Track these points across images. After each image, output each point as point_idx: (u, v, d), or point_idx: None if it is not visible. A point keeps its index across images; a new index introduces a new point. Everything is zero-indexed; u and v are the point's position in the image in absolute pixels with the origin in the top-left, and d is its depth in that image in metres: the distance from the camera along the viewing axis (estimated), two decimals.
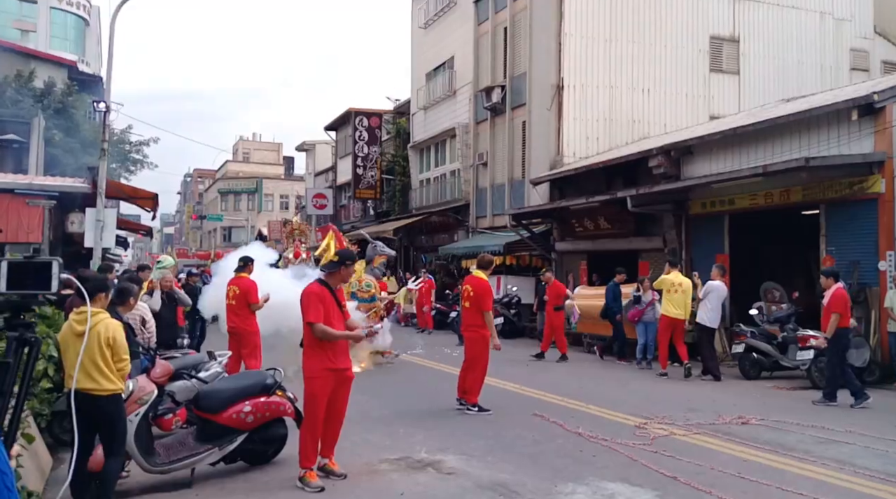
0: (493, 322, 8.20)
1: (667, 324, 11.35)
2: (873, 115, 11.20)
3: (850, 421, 7.65)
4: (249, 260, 9.14)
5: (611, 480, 5.46)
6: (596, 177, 17.08)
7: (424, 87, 26.76)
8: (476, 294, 8.12)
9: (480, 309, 8.09)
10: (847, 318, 9.01)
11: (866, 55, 21.32)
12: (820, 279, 9.57)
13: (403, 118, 29.93)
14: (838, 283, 9.17)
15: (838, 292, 8.98)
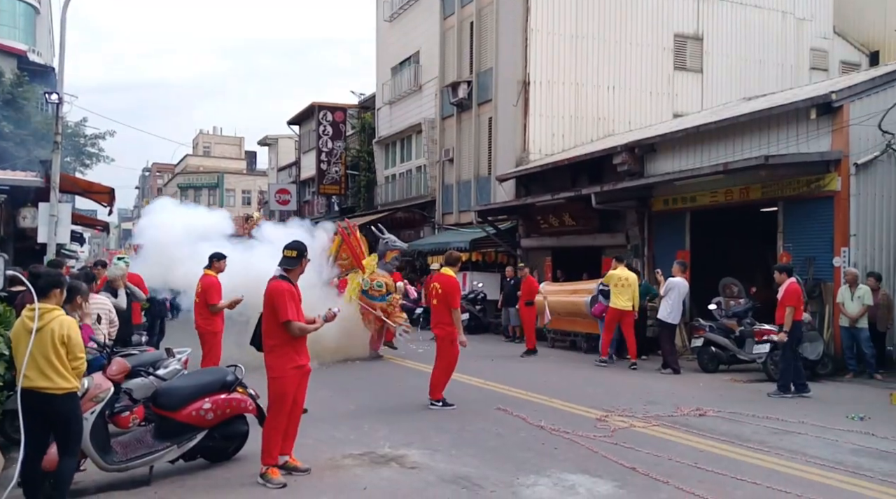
0: (460, 319, 8.21)
1: (614, 316, 11.86)
2: (831, 114, 11.50)
3: (804, 412, 7.87)
4: (218, 257, 8.93)
5: (572, 471, 5.53)
6: (561, 174, 17.23)
7: (390, 82, 26.64)
8: (444, 291, 8.15)
9: (449, 306, 8.10)
10: (800, 311, 9.29)
11: (825, 55, 21.86)
12: (774, 274, 9.81)
13: (368, 113, 29.75)
14: (791, 277, 9.44)
15: (791, 287, 9.24)
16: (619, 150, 15.14)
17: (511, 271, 16.46)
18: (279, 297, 5.32)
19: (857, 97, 11.46)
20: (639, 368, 11.45)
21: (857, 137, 11.23)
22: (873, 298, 10.53)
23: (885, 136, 11.11)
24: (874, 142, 11.22)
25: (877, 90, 11.58)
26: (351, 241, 12.76)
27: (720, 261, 14.19)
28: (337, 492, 5.08)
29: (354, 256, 12.74)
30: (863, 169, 11.25)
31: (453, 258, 8.64)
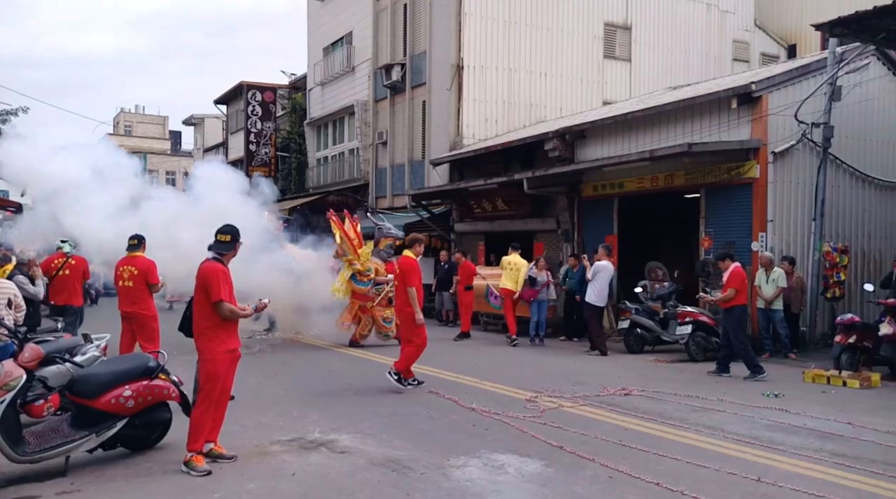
0: (415, 298, 8.31)
1: (506, 295, 13.04)
2: (751, 104, 11.95)
3: (723, 391, 8.22)
4: (143, 238, 8.58)
5: (501, 452, 5.60)
6: (494, 158, 17.34)
7: (322, 62, 26.10)
8: (402, 271, 8.39)
9: (406, 286, 8.31)
10: (744, 294, 9.45)
11: (747, 47, 22.71)
12: (718, 263, 9.96)
13: (300, 94, 29.09)
14: (735, 262, 9.63)
15: (736, 270, 9.44)
16: (550, 136, 15.35)
17: (445, 256, 16.50)
18: (212, 277, 5.21)
19: (775, 88, 11.95)
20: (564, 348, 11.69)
21: (775, 127, 11.73)
22: (787, 281, 11.07)
23: (800, 125, 11.64)
24: (791, 131, 11.75)
25: (794, 82, 12.12)
26: (344, 228, 12.41)
27: (647, 245, 14.64)
28: (264, 478, 4.98)
29: (349, 241, 12.36)
30: (780, 157, 11.77)
31: (411, 240, 8.93)
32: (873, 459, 5.46)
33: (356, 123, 23.44)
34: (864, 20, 9.58)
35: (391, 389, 8.16)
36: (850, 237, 12.56)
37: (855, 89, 12.09)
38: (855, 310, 11.48)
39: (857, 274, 12.51)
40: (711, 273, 11.80)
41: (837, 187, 12.37)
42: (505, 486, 4.83)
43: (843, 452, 5.66)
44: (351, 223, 12.56)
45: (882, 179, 12.99)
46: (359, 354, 11.24)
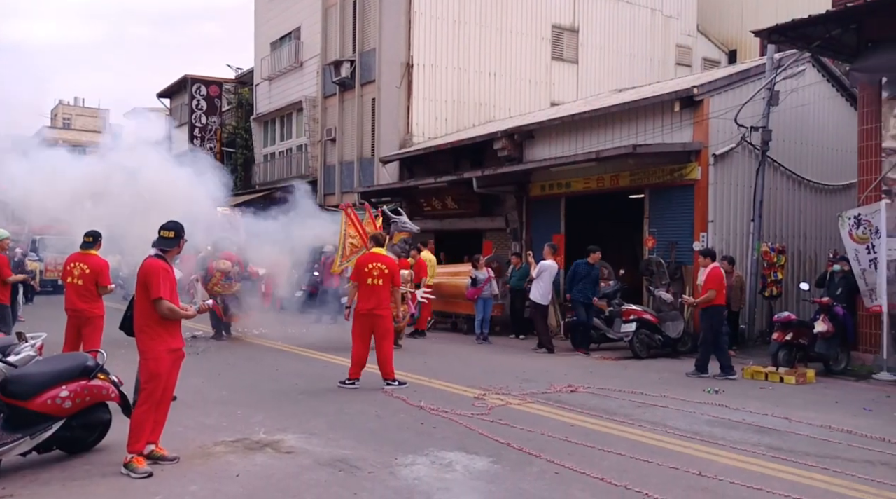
0: (398, 296, 8.51)
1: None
2: (693, 107, 12.28)
3: (665, 387, 8.41)
4: (99, 236, 8.22)
5: (449, 449, 5.59)
6: (444, 157, 17.36)
7: (269, 57, 25.64)
8: (391, 270, 8.32)
9: (394, 285, 8.37)
10: (722, 295, 9.44)
11: (689, 51, 23.32)
12: (698, 259, 10.04)
13: (246, 88, 28.52)
14: (714, 262, 9.60)
15: (715, 271, 9.42)
16: (499, 135, 15.45)
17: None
18: (154, 274, 5.06)
19: (716, 92, 12.31)
20: (512, 346, 11.78)
21: (715, 130, 12.08)
22: (728, 280, 11.40)
23: (740, 129, 12.01)
24: (731, 134, 12.11)
25: (734, 86, 12.50)
26: (356, 221, 11.91)
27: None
28: (207, 480, 4.85)
29: (361, 235, 11.80)
30: (720, 159, 12.12)
31: (382, 238, 8.94)
32: (807, 452, 5.67)
33: (304, 119, 23.12)
34: (800, 28, 9.94)
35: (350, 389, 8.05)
36: (787, 237, 13.04)
37: (792, 94, 12.55)
38: (791, 308, 11.94)
39: (793, 273, 13.00)
40: (655, 272, 12.08)
41: (775, 189, 12.81)
42: (453, 484, 4.82)
43: (779, 445, 5.86)
44: (371, 217, 11.98)
45: (817, 182, 13.53)
46: (307, 353, 11.06)
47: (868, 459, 5.52)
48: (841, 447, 5.84)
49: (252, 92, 27.32)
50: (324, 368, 9.47)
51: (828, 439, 6.10)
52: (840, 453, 5.68)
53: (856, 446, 5.86)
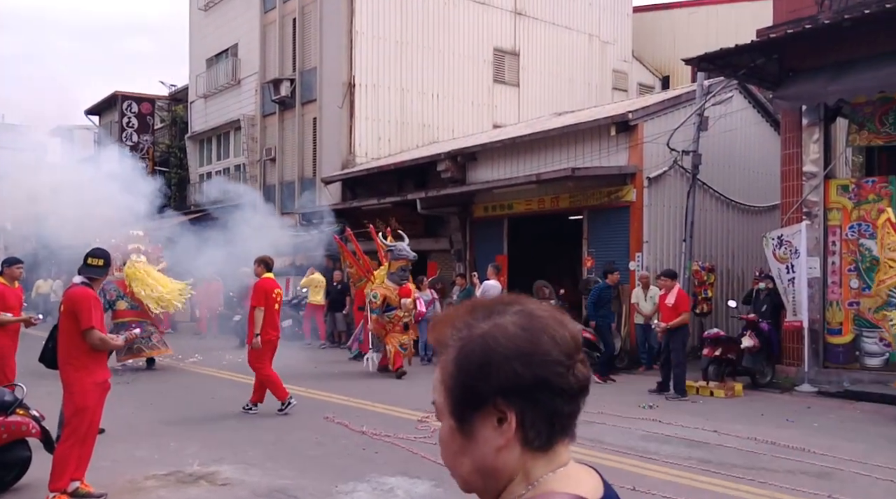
0: (258, 320, 8.03)
1: (313, 310, 15.26)
2: (628, 131, 12.69)
3: (603, 403, 8.56)
4: (12, 262, 7.77)
5: (391, 474, 5.57)
6: (388, 178, 17.38)
7: (205, 74, 25.14)
8: (254, 294, 8.11)
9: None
10: (687, 316, 9.52)
11: (626, 76, 24.07)
12: (659, 280, 10.09)
13: (180, 106, 27.89)
14: (676, 282, 9.69)
15: (683, 293, 9.54)
16: (442, 157, 15.60)
17: (338, 276, 16.28)
18: (83, 303, 4.89)
19: (650, 117, 12.77)
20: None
21: (649, 154, 12.50)
22: None
23: (672, 153, 12.45)
24: (664, 158, 12.55)
25: (666, 112, 12.99)
26: (347, 250, 11.68)
27: (535, 264, 15.12)
28: None
29: (357, 267, 11.66)
30: (654, 182, 12.54)
31: (271, 261, 8.56)
32: (735, 464, 5.88)
33: (242, 138, 22.75)
34: (727, 57, 10.42)
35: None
36: (716, 257, 13.55)
37: (720, 120, 13.09)
38: (721, 325, 12.37)
39: (722, 291, 13.50)
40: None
41: (705, 211, 13.31)
42: None
43: (709, 458, 6.06)
44: (377, 241, 11.72)
45: (744, 204, 14.13)
46: (244, 380, 10.82)
47: (789, 468, 5.76)
48: (765, 458, 6.09)
49: (187, 110, 26.74)
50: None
51: (753, 450, 6.35)
52: (764, 463, 5.92)
53: (779, 457, 6.11)
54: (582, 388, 1.03)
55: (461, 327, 1.02)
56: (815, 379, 9.72)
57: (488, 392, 0.98)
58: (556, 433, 1.01)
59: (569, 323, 1.05)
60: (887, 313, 7.85)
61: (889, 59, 9.15)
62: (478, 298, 1.12)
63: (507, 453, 0.99)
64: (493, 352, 0.98)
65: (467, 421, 1.00)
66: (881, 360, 9.65)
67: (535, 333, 0.99)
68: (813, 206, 10.17)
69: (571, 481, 1.01)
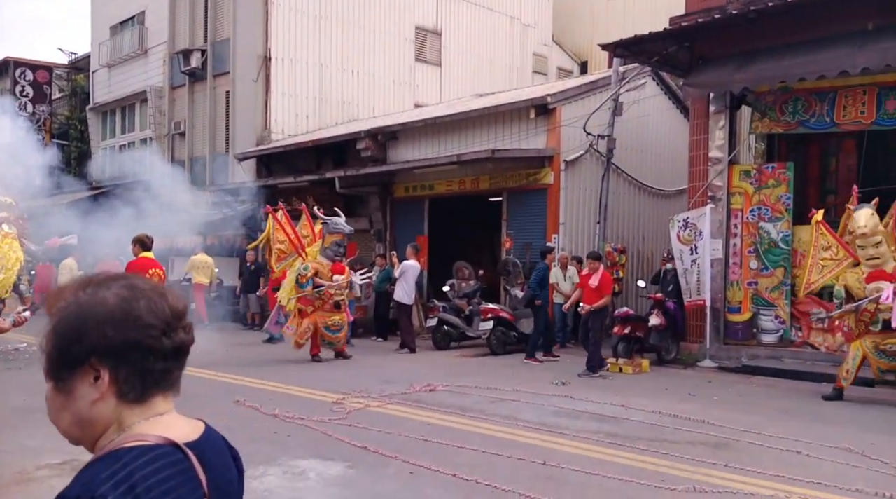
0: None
1: (200, 288, 14.81)
2: (547, 115, 12.87)
3: (518, 381, 8.75)
4: None
5: (303, 457, 5.47)
6: (305, 155, 16.99)
7: (109, 42, 23.66)
8: (163, 277, 7.79)
9: None
10: (610, 297, 9.76)
11: (545, 60, 24.37)
12: (585, 261, 10.24)
13: (82, 75, 26.23)
14: (602, 265, 9.84)
15: (607, 275, 9.72)
16: (362, 135, 15.36)
17: (252, 256, 15.83)
18: None
19: (567, 101, 12.98)
20: (374, 348, 11.75)
21: (567, 137, 12.73)
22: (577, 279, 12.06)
23: (588, 137, 12.74)
24: (580, 142, 12.82)
25: (583, 96, 13.25)
26: (283, 224, 10.94)
27: (455, 245, 15.19)
28: None
29: (290, 241, 10.94)
30: (571, 165, 12.80)
31: (149, 240, 8.07)
32: (640, 436, 6.12)
33: (149, 111, 21.64)
34: (641, 43, 10.70)
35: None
36: (628, 239, 14.02)
37: (634, 105, 13.49)
38: (630, 304, 12.83)
39: (633, 272, 13.98)
40: (511, 272, 12.51)
41: (618, 194, 13.71)
42: (306, 492, 4.71)
43: (616, 432, 6.28)
44: (308, 219, 11.18)
45: (655, 187, 14.64)
46: None
47: (690, 440, 6.05)
48: (668, 431, 6.36)
49: (88, 79, 25.18)
50: None
51: (658, 423, 6.62)
52: (667, 435, 6.19)
53: (681, 429, 6.40)
54: (177, 349, 1.16)
55: (67, 298, 1.13)
56: (715, 355, 10.24)
57: (83, 353, 1.10)
58: (149, 387, 1.15)
59: (170, 296, 1.18)
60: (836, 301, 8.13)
61: (790, 51, 9.64)
62: (94, 273, 1.22)
63: (102, 406, 1.12)
64: (88, 318, 1.10)
65: (65, 380, 1.12)
66: (776, 336, 10.27)
67: (131, 302, 1.12)
68: (717, 190, 10.64)
69: (160, 426, 1.14)
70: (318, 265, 10.60)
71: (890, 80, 9.34)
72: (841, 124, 9.92)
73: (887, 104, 9.44)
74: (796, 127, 10.29)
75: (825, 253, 7.99)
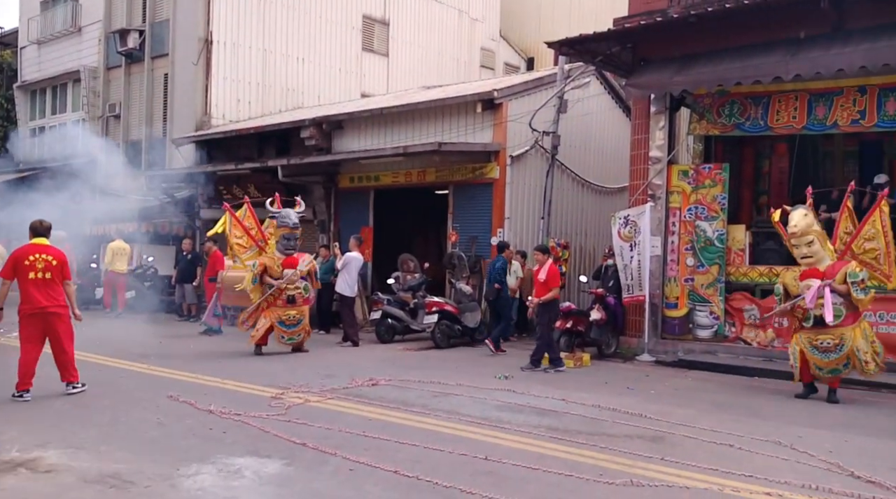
0: (73, 293, 7.37)
1: (114, 277, 15.12)
2: (493, 110, 12.90)
3: (461, 375, 8.75)
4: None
5: (239, 455, 5.31)
6: (247, 143, 16.58)
7: (39, 17, 22.49)
8: (59, 263, 7.16)
9: (63, 279, 7.20)
10: (557, 291, 9.67)
11: (493, 55, 24.43)
12: (534, 254, 10.21)
13: (8, 51, 24.91)
14: (550, 258, 9.81)
15: (554, 269, 9.64)
16: (307, 124, 15.08)
17: (188, 245, 15.36)
18: None
19: (514, 97, 13.05)
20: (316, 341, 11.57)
21: (513, 132, 12.81)
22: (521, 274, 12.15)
23: (534, 133, 12.83)
24: (526, 137, 12.90)
25: (529, 93, 13.34)
26: (242, 219, 10.62)
27: (401, 238, 15.10)
28: None
29: (251, 236, 10.63)
30: (516, 161, 12.88)
31: (42, 227, 7.41)
32: (580, 430, 6.19)
33: (82, 92, 20.72)
34: (586, 43, 10.82)
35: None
36: (571, 234, 14.22)
37: (578, 103, 13.67)
38: (573, 299, 13.01)
39: (575, 267, 14.21)
40: (456, 265, 12.52)
41: (562, 190, 13.88)
42: (241, 491, 4.57)
43: (556, 426, 6.34)
44: (250, 212, 10.87)
45: (597, 184, 14.89)
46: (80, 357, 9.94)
47: (627, 433, 6.16)
48: (607, 424, 6.47)
49: (16, 56, 23.92)
50: (99, 372, 8.57)
51: (597, 417, 6.72)
52: (606, 429, 6.29)
53: (619, 423, 6.52)
54: None
55: None
56: (653, 349, 10.49)
57: None
58: None
59: None
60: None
61: (728, 56, 9.92)
62: None
63: None
64: None
65: None
66: (711, 332, 10.58)
67: None
68: (657, 189, 10.88)
69: None
70: (268, 259, 10.40)
71: (820, 86, 9.72)
72: (774, 128, 10.28)
73: (818, 110, 9.83)
74: (732, 129, 10.61)
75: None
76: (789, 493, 4.64)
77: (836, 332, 7.48)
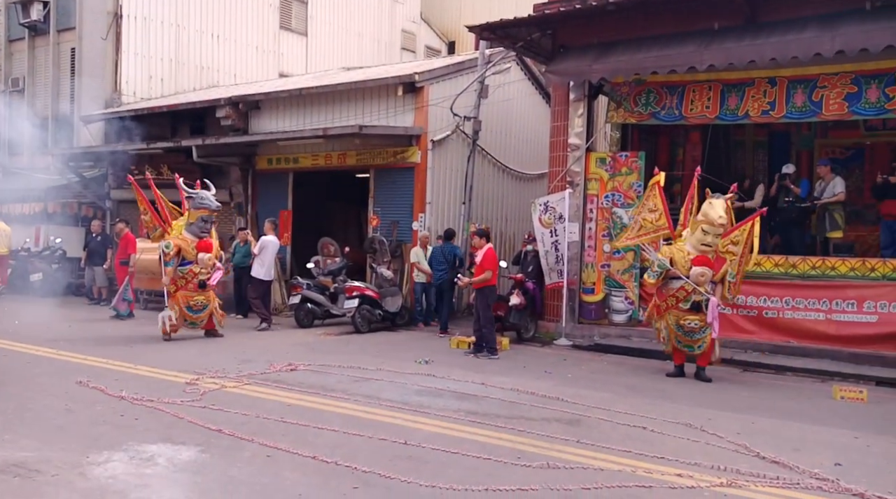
0: None
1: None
2: (415, 93, 12.86)
3: (381, 360, 8.77)
4: None
5: (152, 442, 5.17)
6: (160, 121, 15.93)
7: None
8: None
9: None
10: (495, 275, 9.65)
11: (414, 38, 24.29)
12: (472, 239, 10.17)
13: None
14: (489, 243, 9.76)
15: (490, 252, 9.59)
16: (222, 103, 14.62)
17: (98, 226, 14.66)
18: None
19: (435, 81, 13.05)
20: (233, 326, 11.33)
21: (434, 117, 12.82)
22: None
23: (455, 118, 12.89)
24: (447, 122, 12.96)
25: (451, 77, 13.37)
26: (143, 195, 10.08)
27: (321, 221, 14.91)
28: None
29: (154, 214, 10.01)
30: (438, 145, 12.93)
31: None
32: (498, 414, 6.34)
33: None
34: (506, 28, 10.93)
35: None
36: (492, 220, 14.42)
37: (499, 89, 13.81)
38: None
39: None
40: (377, 250, 12.50)
41: (483, 175, 14.05)
42: (153, 479, 4.46)
43: (475, 410, 6.47)
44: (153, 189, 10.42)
45: (517, 170, 15.14)
46: None
47: (545, 416, 6.34)
48: (525, 408, 6.64)
49: None
50: (3, 357, 8.12)
51: (515, 401, 6.89)
52: (524, 413, 6.46)
53: (537, 406, 6.70)
54: None
55: None
56: (571, 334, 10.82)
57: None
58: None
59: None
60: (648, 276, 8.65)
61: (645, 45, 10.22)
62: None
63: None
64: None
65: None
66: (626, 316, 10.98)
67: None
68: (575, 176, 11.16)
69: None
70: (181, 242, 9.98)
71: (733, 77, 10.12)
72: (689, 117, 10.69)
73: (730, 100, 10.26)
74: (648, 118, 10.98)
75: (649, 215, 8.62)
76: (699, 474, 4.84)
77: (703, 317, 8.05)
